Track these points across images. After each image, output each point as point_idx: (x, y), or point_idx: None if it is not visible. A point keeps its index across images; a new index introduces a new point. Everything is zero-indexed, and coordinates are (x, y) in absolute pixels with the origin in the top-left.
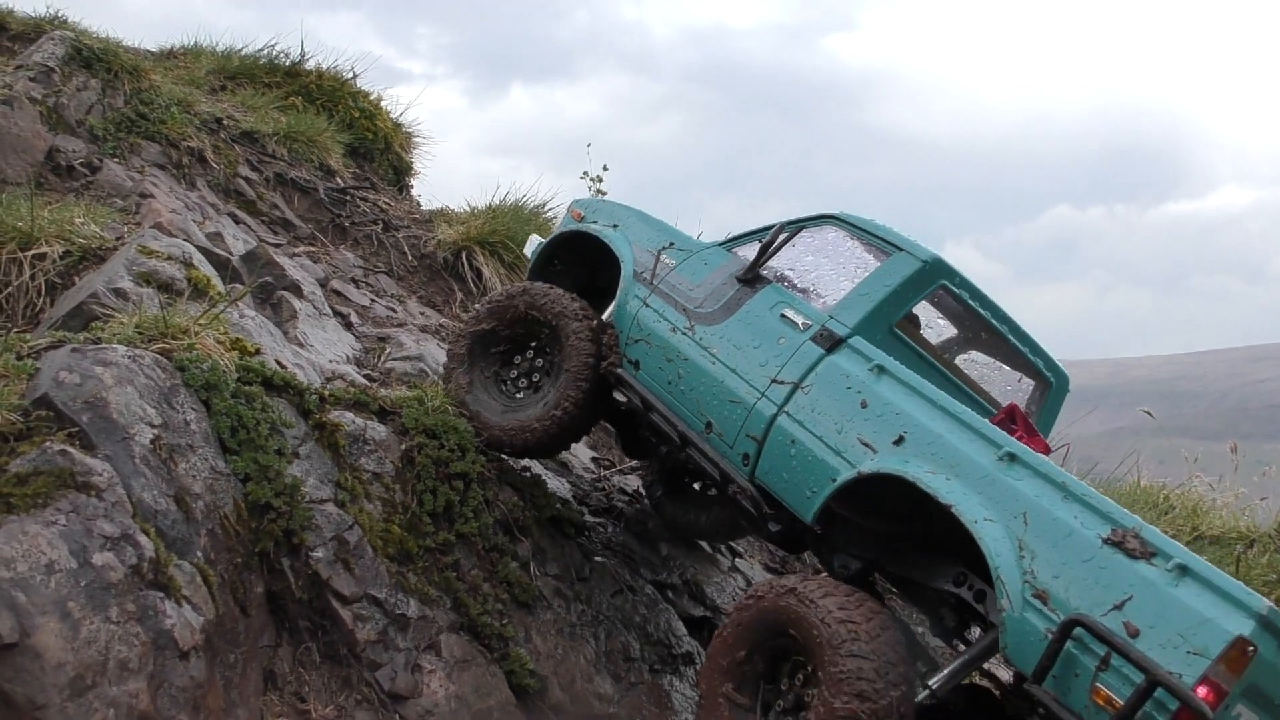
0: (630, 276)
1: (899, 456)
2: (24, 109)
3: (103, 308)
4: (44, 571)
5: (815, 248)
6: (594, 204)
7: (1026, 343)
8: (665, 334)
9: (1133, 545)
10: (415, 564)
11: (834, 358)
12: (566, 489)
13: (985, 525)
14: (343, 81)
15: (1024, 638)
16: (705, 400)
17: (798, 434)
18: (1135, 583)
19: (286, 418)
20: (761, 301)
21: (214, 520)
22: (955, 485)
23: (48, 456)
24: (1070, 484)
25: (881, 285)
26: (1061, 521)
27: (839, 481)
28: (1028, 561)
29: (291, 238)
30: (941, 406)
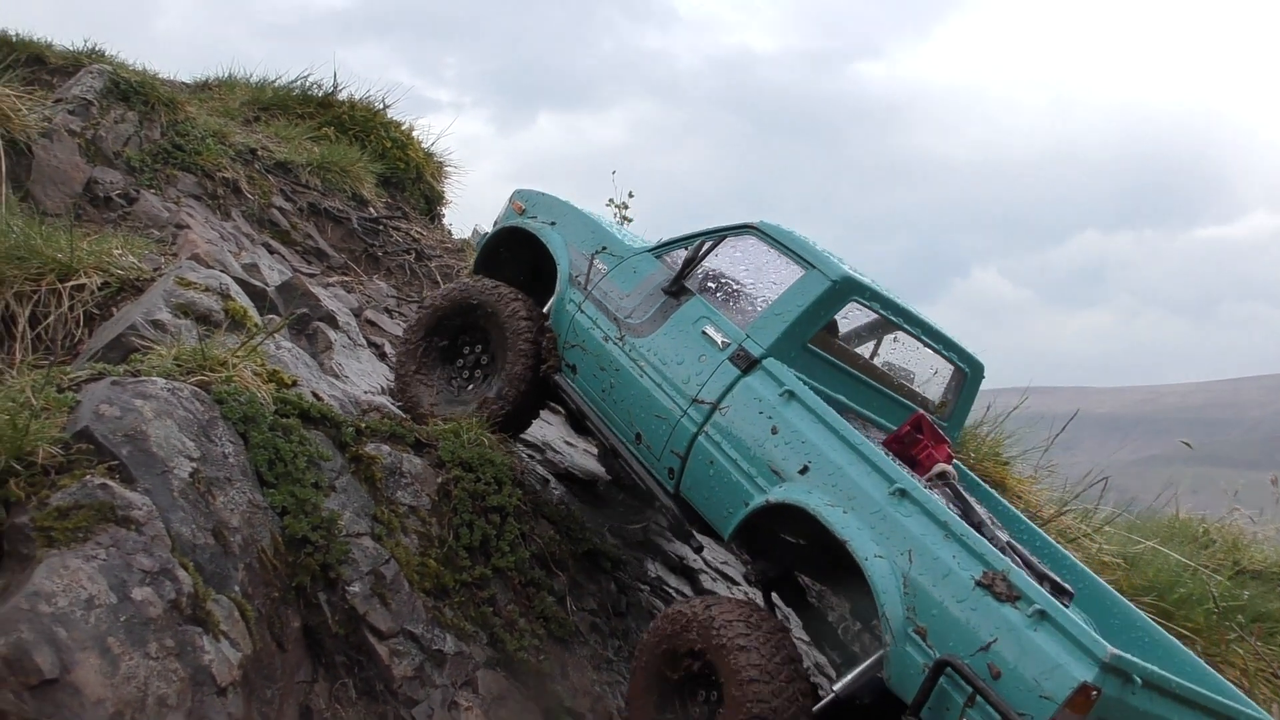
0: (566, 280)
1: (804, 486)
2: (63, 141)
3: (141, 339)
4: (84, 606)
5: (737, 257)
6: (534, 197)
7: (940, 340)
8: (599, 342)
9: (1000, 589)
10: (452, 599)
11: (749, 379)
12: (602, 522)
13: (875, 562)
14: (375, 112)
15: (905, 670)
16: (635, 412)
17: (716, 455)
18: (1000, 625)
19: (323, 450)
20: (686, 315)
21: (251, 554)
22: (851, 520)
23: (88, 490)
24: (951, 524)
25: (794, 305)
26: (941, 561)
27: (751, 507)
28: (910, 598)
29: (325, 267)
30: (843, 437)
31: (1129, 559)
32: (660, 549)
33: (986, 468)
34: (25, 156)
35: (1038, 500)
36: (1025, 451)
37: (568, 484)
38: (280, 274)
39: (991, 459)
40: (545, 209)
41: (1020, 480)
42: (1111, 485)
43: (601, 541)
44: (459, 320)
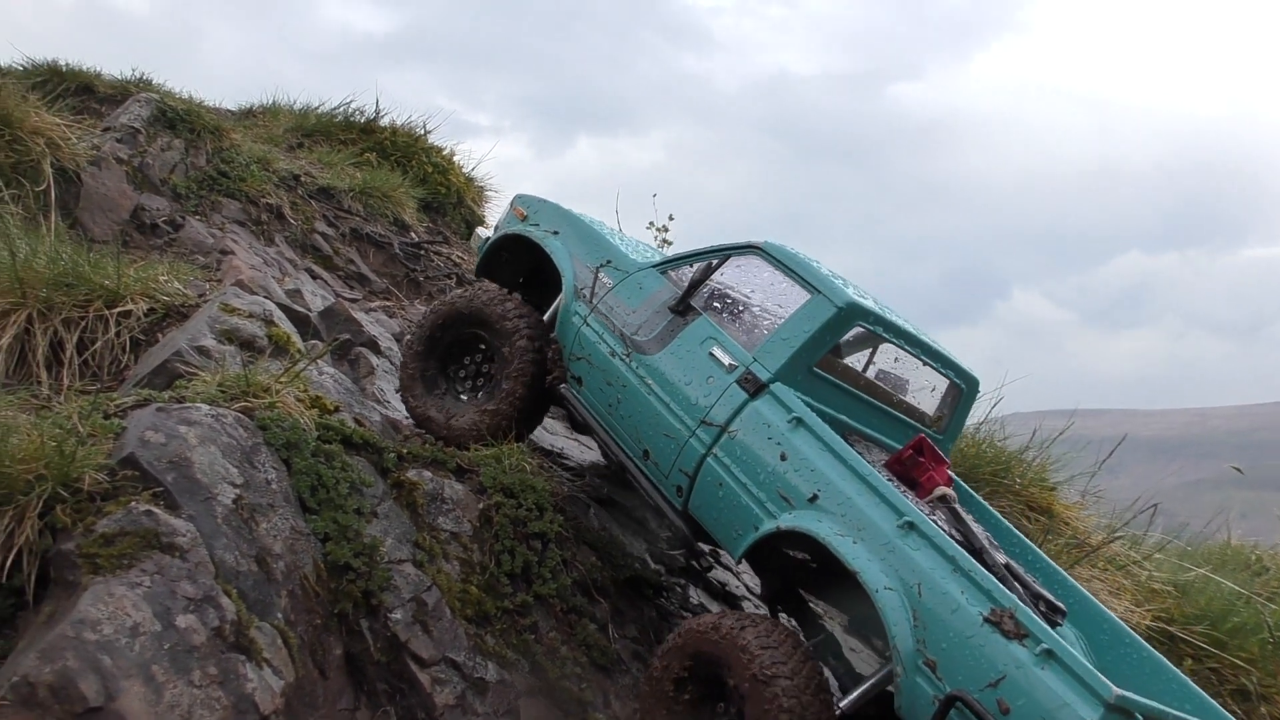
0: (570, 293)
1: (813, 514)
2: (111, 169)
3: (186, 366)
4: (129, 634)
5: (742, 277)
6: (536, 203)
7: (938, 358)
8: (605, 357)
9: (1008, 626)
10: (493, 626)
11: (757, 404)
12: (642, 548)
13: (885, 594)
14: (416, 137)
15: (915, 700)
16: (642, 429)
17: (725, 477)
18: (1009, 662)
19: (365, 476)
20: (692, 335)
21: (294, 581)
22: (861, 550)
23: (133, 517)
24: (959, 559)
25: (800, 330)
26: (950, 596)
27: (761, 531)
28: (920, 631)
29: (367, 292)
30: (851, 467)
31: (1180, 587)
32: (702, 575)
33: (1033, 493)
34: (74, 184)
35: (1085, 527)
36: (1072, 477)
37: (609, 509)
38: (323, 299)
39: (1038, 484)
40: (547, 217)
41: (1068, 506)
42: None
43: (643, 568)
44: (459, 330)
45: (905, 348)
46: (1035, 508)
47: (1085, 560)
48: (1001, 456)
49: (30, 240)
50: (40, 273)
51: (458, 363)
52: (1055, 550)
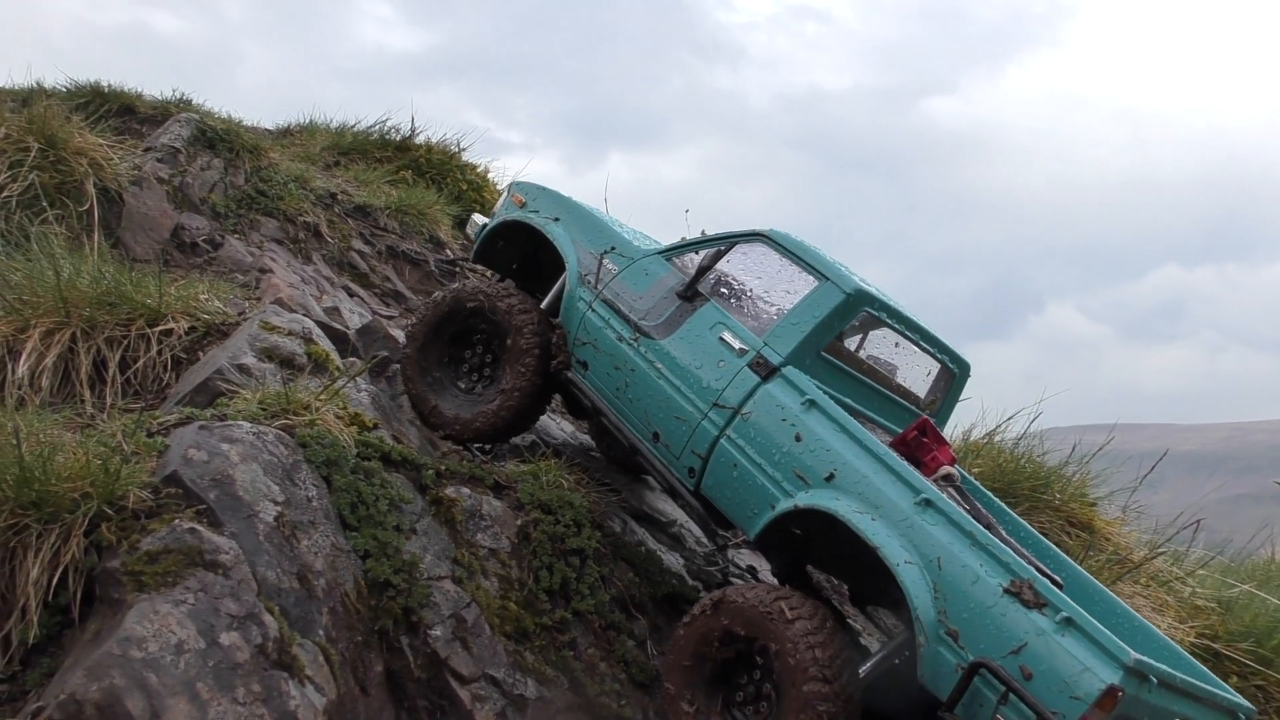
0: (575, 279)
1: (830, 492)
2: (152, 189)
3: (227, 384)
4: (174, 651)
5: (748, 264)
6: (534, 191)
7: (935, 344)
8: (612, 341)
9: (1028, 596)
10: (532, 642)
11: (769, 387)
12: (680, 564)
13: (906, 568)
14: (451, 154)
15: (938, 669)
16: (652, 412)
17: (739, 458)
18: (1029, 630)
19: (404, 493)
20: (701, 320)
21: (335, 598)
22: (879, 526)
23: (177, 535)
24: (976, 533)
25: (810, 316)
26: (969, 568)
27: (778, 509)
28: (941, 603)
29: (403, 309)
30: (867, 446)
31: (1224, 603)
32: None
33: (1073, 509)
34: (116, 204)
35: (1127, 543)
36: (1112, 492)
37: (646, 525)
38: (360, 317)
39: (1078, 500)
40: (547, 204)
41: (1109, 522)
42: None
43: (680, 584)
44: (460, 324)
45: (905, 333)
46: (1076, 523)
47: (1127, 576)
48: (1041, 472)
49: (74, 260)
50: (84, 292)
51: (459, 355)
52: (1097, 566)
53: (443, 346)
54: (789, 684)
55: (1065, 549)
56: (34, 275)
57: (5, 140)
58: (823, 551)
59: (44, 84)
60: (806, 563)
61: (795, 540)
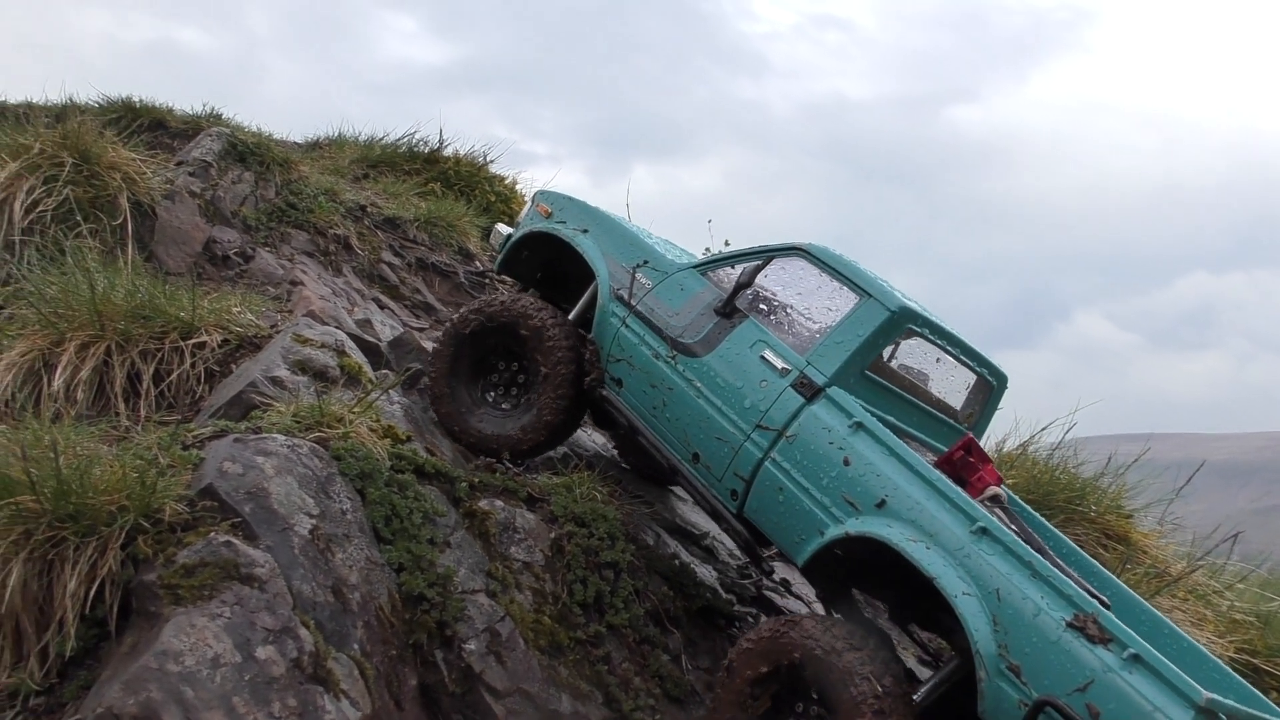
0: (607, 294)
1: (882, 520)
2: (184, 203)
3: (261, 396)
4: (210, 665)
5: (786, 279)
6: (560, 200)
7: (973, 356)
8: (648, 359)
9: (1093, 631)
10: (566, 656)
11: (814, 408)
12: (713, 576)
13: (964, 600)
14: (478, 166)
15: (1000, 704)
16: (692, 432)
17: (785, 482)
18: (1095, 667)
19: (438, 506)
20: (741, 338)
21: (370, 612)
22: (935, 556)
23: (213, 548)
24: (1036, 564)
25: (854, 335)
26: (1030, 601)
27: (827, 536)
28: (1001, 636)
29: (433, 321)
30: (918, 471)
31: (1262, 617)
32: (774, 605)
33: (1109, 520)
34: (149, 218)
35: (1164, 556)
36: (1148, 505)
37: (679, 538)
38: (391, 329)
39: (1114, 512)
40: (575, 215)
41: (1145, 534)
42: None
43: (715, 598)
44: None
45: (946, 348)
46: (1112, 535)
47: (1166, 590)
48: (1076, 483)
49: (108, 274)
50: (118, 305)
51: (488, 371)
52: (1134, 580)
53: (472, 362)
54: (844, 716)
55: (1102, 562)
56: (69, 289)
57: (40, 155)
58: (869, 575)
59: (77, 100)
60: (851, 586)
61: (842, 564)
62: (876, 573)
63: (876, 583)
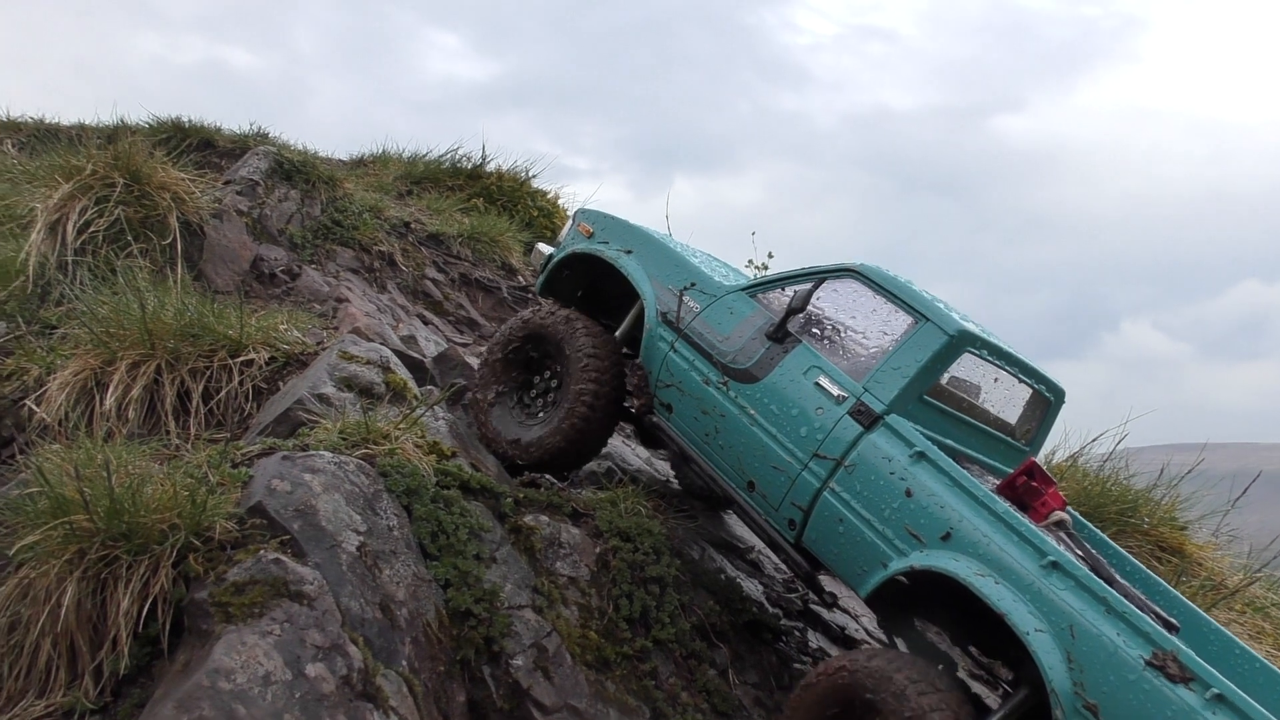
0: (654, 318)
1: (948, 553)
2: (232, 221)
3: (308, 413)
4: (261, 683)
5: (839, 301)
6: (602, 220)
7: (1029, 373)
8: (699, 385)
9: (1173, 670)
10: (613, 672)
11: (873, 437)
12: (759, 590)
13: (1037, 636)
14: (521, 182)
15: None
16: (746, 460)
17: (845, 513)
18: (1178, 707)
19: (483, 521)
20: (795, 364)
21: (417, 628)
22: (1005, 592)
23: (262, 565)
24: (1110, 599)
25: (913, 360)
26: (1106, 638)
27: (891, 569)
28: (1077, 674)
29: (477, 337)
30: (984, 503)
31: None
32: (820, 619)
33: (1162, 533)
34: (198, 237)
35: (1220, 568)
36: (1203, 516)
37: (724, 552)
38: (436, 345)
39: (1168, 524)
40: (618, 235)
41: (1200, 546)
42: None
43: (761, 612)
44: (531, 350)
45: (1005, 367)
46: (1166, 548)
47: (1222, 603)
48: (1128, 495)
49: (158, 293)
50: (168, 324)
51: (528, 382)
52: (1190, 592)
53: (513, 371)
54: None
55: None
56: (121, 309)
57: (92, 176)
58: (931, 603)
59: (128, 121)
60: (913, 613)
61: (905, 594)
62: (939, 601)
63: (938, 610)
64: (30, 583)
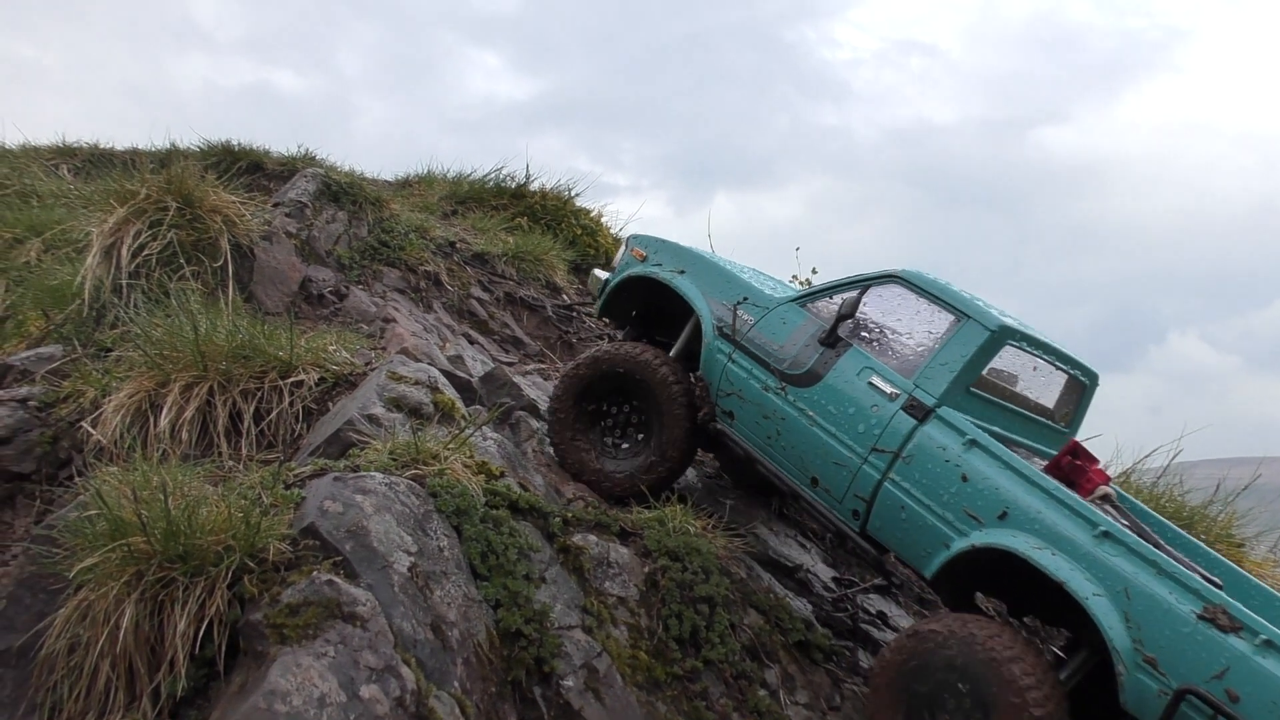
0: (711, 332)
1: (1006, 531)
2: (281, 243)
3: (358, 434)
4: (317, 705)
5: (885, 306)
6: (655, 243)
7: (1065, 360)
8: (758, 392)
9: (1224, 621)
10: (664, 693)
11: (927, 429)
12: (808, 610)
13: (1095, 600)
14: (564, 200)
15: (1141, 695)
16: (808, 459)
17: (906, 500)
18: (1230, 654)
19: (533, 541)
20: (848, 366)
21: (469, 649)
22: (1061, 562)
23: (316, 587)
24: (1161, 561)
25: (958, 355)
26: (1159, 597)
27: (953, 549)
28: (1134, 632)
29: (522, 355)
30: (1035, 482)
31: None
32: (870, 638)
33: (1218, 550)
34: (248, 259)
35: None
36: (1260, 533)
37: (772, 570)
38: (483, 365)
39: (1224, 540)
40: (671, 256)
41: (1258, 563)
42: None
43: (811, 632)
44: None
45: (1042, 356)
46: None
47: None
48: (1183, 511)
49: (210, 315)
50: (220, 346)
51: (603, 415)
52: None
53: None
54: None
55: None
56: (174, 331)
57: (146, 200)
58: (990, 579)
59: (179, 145)
60: (974, 590)
61: (967, 572)
62: (997, 577)
63: (996, 585)
64: (89, 605)
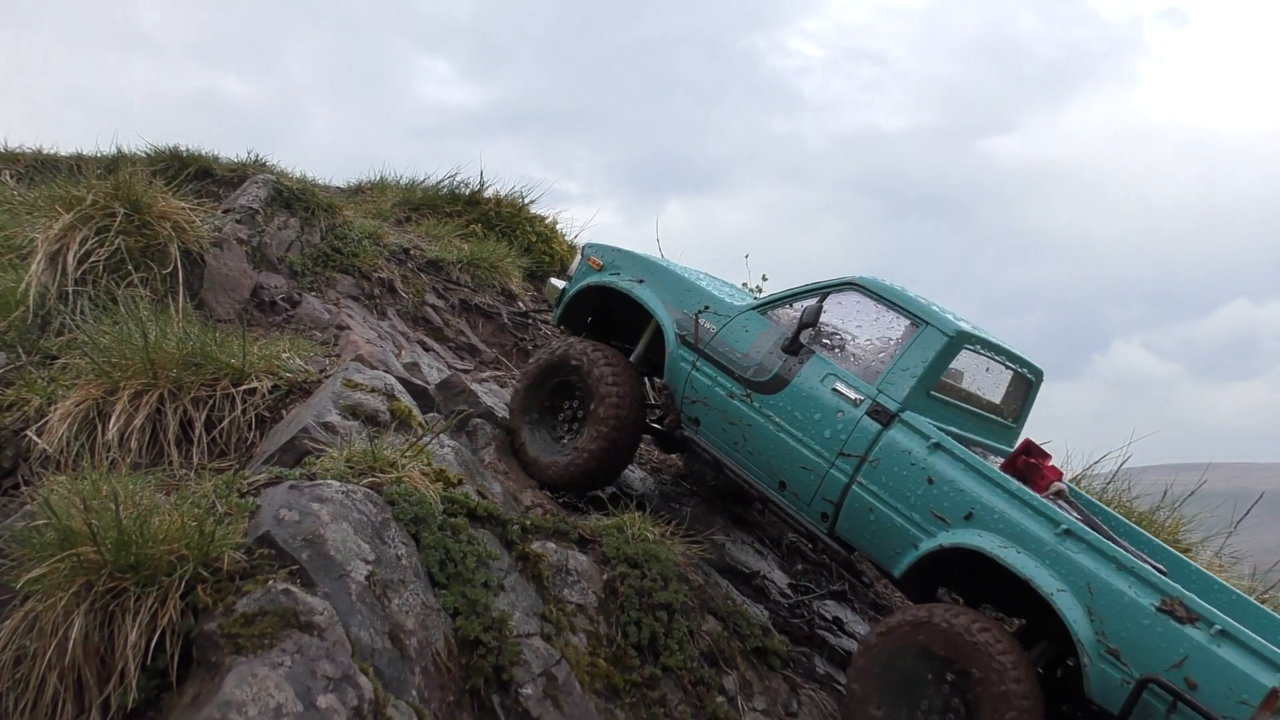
0: (674, 340)
1: (972, 531)
2: (232, 249)
3: (314, 442)
4: (273, 715)
5: (844, 311)
6: (610, 252)
7: (1014, 359)
8: (723, 398)
9: (1181, 613)
10: (622, 699)
11: (892, 433)
12: (765, 616)
13: (1060, 595)
14: (519, 207)
15: (1105, 685)
16: (776, 464)
17: (874, 503)
18: (1188, 644)
19: (491, 549)
20: (812, 373)
21: (426, 658)
22: (1027, 559)
23: (272, 596)
24: (1120, 557)
25: (919, 360)
26: (1120, 591)
27: (922, 549)
28: (1098, 624)
29: (477, 362)
30: (999, 483)
31: None
32: (827, 643)
33: None
34: (198, 265)
35: None
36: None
37: (730, 577)
38: (439, 372)
39: (1171, 545)
40: (628, 265)
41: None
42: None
43: (769, 638)
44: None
45: (994, 357)
46: None
47: None
48: (1131, 516)
49: (160, 322)
50: (170, 353)
51: (557, 409)
52: None
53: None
54: (990, 710)
55: None
56: (122, 338)
57: (93, 206)
58: (956, 576)
59: (126, 150)
60: (938, 586)
61: (932, 571)
62: (960, 572)
63: (958, 580)
64: (36, 616)
